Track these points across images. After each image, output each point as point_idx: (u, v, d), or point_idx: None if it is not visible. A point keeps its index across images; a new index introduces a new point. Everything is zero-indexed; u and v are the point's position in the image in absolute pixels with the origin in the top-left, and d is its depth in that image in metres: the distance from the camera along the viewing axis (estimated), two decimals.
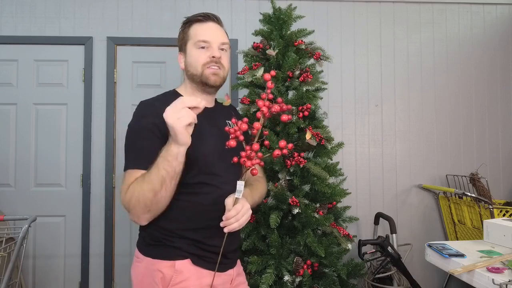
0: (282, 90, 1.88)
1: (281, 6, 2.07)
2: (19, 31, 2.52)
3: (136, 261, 1.13)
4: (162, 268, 1.06)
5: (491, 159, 2.70)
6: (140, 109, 1.14)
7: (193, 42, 1.16)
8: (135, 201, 0.99)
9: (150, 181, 0.97)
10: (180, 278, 1.06)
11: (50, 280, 2.47)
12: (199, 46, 1.15)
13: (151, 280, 1.07)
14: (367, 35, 2.69)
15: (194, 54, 1.15)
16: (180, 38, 1.21)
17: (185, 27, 1.20)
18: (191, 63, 1.16)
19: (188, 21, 1.20)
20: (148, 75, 2.56)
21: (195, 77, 1.16)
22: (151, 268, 1.08)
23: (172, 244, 1.08)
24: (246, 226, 1.75)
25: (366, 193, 2.62)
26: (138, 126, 1.09)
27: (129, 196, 1.00)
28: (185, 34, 1.19)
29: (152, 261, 1.08)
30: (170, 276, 1.06)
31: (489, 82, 2.73)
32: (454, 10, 2.74)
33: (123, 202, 1.02)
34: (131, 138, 1.09)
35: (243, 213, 1.02)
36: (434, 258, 1.53)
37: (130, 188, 1.00)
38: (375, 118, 2.66)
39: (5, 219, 1.81)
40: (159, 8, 2.59)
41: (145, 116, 1.09)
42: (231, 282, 1.19)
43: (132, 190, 1.00)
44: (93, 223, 2.49)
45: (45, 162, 2.50)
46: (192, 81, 1.18)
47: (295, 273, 1.67)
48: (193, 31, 1.17)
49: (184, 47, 1.19)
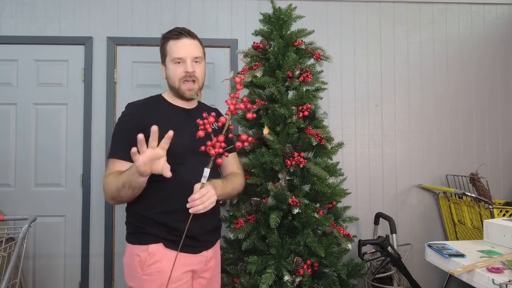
0: (282, 90, 1.88)
1: (281, 6, 2.07)
2: (19, 31, 2.52)
3: (126, 249, 1.34)
4: (139, 252, 1.27)
5: (491, 159, 2.70)
6: (126, 108, 1.38)
7: (170, 58, 1.37)
8: (106, 189, 1.25)
9: (117, 181, 1.20)
10: (153, 259, 1.26)
11: (50, 280, 2.47)
12: (175, 62, 1.36)
13: (132, 263, 1.28)
14: (367, 35, 2.69)
15: (172, 69, 1.37)
16: (161, 53, 1.43)
17: (163, 43, 1.41)
18: (170, 76, 1.39)
19: (165, 38, 1.41)
20: (148, 75, 2.56)
21: (174, 89, 1.40)
22: (132, 253, 1.29)
23: (147, 231, 1.29)
24: (246, 226, 1.75)
25: (366, 193, 2.63)
26: (120, 122, 1.34)
27: (104, 182, 1.26)
28: (163, 49, 1.40)
29: (132, 246, 1.30)
30: (145, 258, 1.26)
31: (489, 82, 2.73)
32: (454, 10, 2.74)
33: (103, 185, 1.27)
34: (115, 131, 1.35)
35: (208, 197, 1.19)
36: (434, 258, 1.53)
37: (109, 177, 1.25)
38: (375, 118, 2.66)
39: (5, 219, 1.81)
40: (159, 8, 2.59)
41: (127, 114, 1.34)
42: (206, 263, 1.37)
43: (108, 179, 1.25)
44: (93, 223, 2.49)
45: (45, 162, 2.50)
46: (172, 90, 1.41)
47: (295, 273, 1.67)
48: (169, 47, 1.38)
49: (164, 61, 1.41)
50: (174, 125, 1.26)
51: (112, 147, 1.33)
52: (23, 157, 2.49)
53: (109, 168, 1.29)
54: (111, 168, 1.28)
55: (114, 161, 1.29)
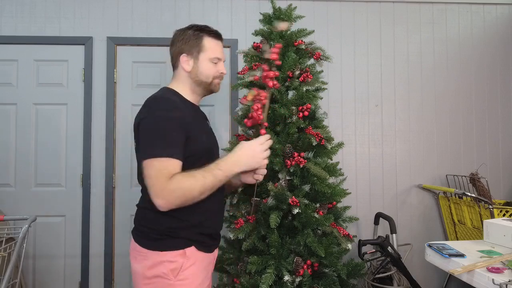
0: (282, 90, 1.88)
1: (281, 6, 2.07)
2: (19, 31, 2.52)
3: (140, 257, 1.20)
4: (172, 258, 1.17)
5: (491, 159, 2.70)
6: (166, 102, 1.21)
7: (207, 55, 1.31)
8: (181, 194, 1.11)
9: (203, 185, 1.14)
10: (189, 263, 1.20)
11: (50, 280, 2.47)
12: (213, 61, 1.32)
13: (161, 272, 1.17)
14: (367, 35, 2.69)
15: (208, 67, 1.32)
16: (191, 44, 1.31)
17: (197, 36, 1.31)
18: (202, 72, 1.31)
19: (201, 31, 1.32)
20: (148, 75, 2.56)
21: (203, 84, 1.33)
22: (160, 261, 1.17)
23: (179, 235, 1.20)
24: (246, 226, 1.75)
25: (366, 193, 2.63)
26: (169, 117, 1.16)
27: (175, 186, 1.10)
28: (198, 42, 1.31)
29: (161, 254, 1.18)
30: (181, 263, 1.18)
31: (489, 82, 2.73)
32: (454, 10, 2.74)
33: (163, 189, 1.10)
34: (161, 127, 1.15)
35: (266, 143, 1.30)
36: (434, 258, 1.53)
37: (177, 178, 1.11)
38: (375, 118, 2.66)
39: (5, 219, 1.81)
40: (159, 8, 2.59)
41: (173, 110, 1.18)
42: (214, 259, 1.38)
43: (181, 182, 1.11)
44: (93, 223, 2.49)
45: (45, 162, 2.50)
46: (197, 85, 1.33)
47: (295, 273, 1.66)
48: (208, 44, 1.31)
49: (197, 55, 1.31)
50: (201, 122, 1.31)
51: (160, 144, 1.13)
52: (23, 157, 2.49)
53: (163, 167, 1.11)
54: (170, 169, 1.11)
55: (168, 160, 1.12)
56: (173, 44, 1.35)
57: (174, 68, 1.37)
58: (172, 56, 1.36)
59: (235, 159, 1.23)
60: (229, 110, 2.60)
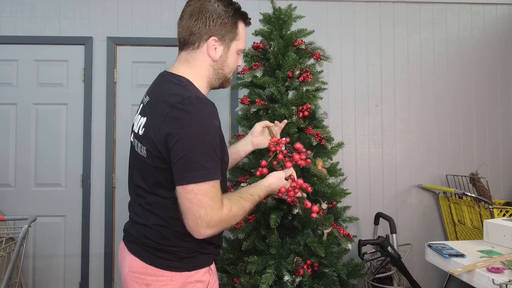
0: (282, 90, 1.88)
1: (281, 6, 2.07)
2: (19, 31, 2.52)
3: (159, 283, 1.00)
4: (201, 277, 1.03)
5: (491, 159, 2.70)
6: (208, 107, 0.95)
7: (238, 46, 1.10)
8: (230, 223, 0.99)
9: (244, 208, 1.03)
10: (214, 279, 1.08)
11: (50, 280, 2.47)
12: (239, 53, 1.13)
13: None
14: (367, 35, 2.69)
15: (234, 59, 1.11)
16: (227, 29, 1.05)
17: (234, 20, 1.07)
18: (228, 65, 1.10)
19: (237, 14, 1.08)
20: (148, 75, 2.56)
21: (223, 78, 1.11)
22: (186, 282, 1.00)
23: (206, 251, 1.05)
24: (246, 226, 1.75)
25: (366, 193, 2.62)
26: (214, 129, 0.95)
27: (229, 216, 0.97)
28: (234, 28, 1.07)
29: (188, 274, 1.01)
30: (208, 280, 1.04)
31: (489, 82, 2.73)
32: (454, 10, 2.74)
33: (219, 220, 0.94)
34: (209, 142, 0.93)
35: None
36: (434, 258, 1.53)
37: (228, 207, 0.97)
38: (375, 118, 2.66)
39: (5, 219, 1.81)
40: (159, 8, 2.59)
41: (215, 118, 0.97)
42: None
43: (233, 211, 0.98)
44: (93, 223, 2.49)
45: (45, 162, 2.50)
46: (217, 77, 1.10)
47: (295, 273, 1.66)
48: (241, 31, 1.10)
49: (229, 43, 1.07)
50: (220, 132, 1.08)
51: (212, 165, 0.93)
52: (23, 157, 2.49)
53: (216, 192, 0.94)
54: (219, 192, 0.95)
55: (218, 183, 0.95)
56: (198, 17, 1.03)
57: (189, 47, 1.05)
58: (192, 32, 1.03)
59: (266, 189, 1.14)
60: (229, 110, 2.60)
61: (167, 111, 0.93)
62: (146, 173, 1.00)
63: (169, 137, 0.92)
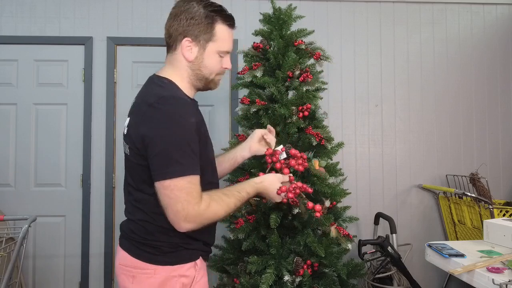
0: (282, 90, 1.88)
1: (281, 6, 2.07)
2: (19, 31, 2.52)
3: (143, 275, 1.04)
4: (185, 272, 1.05)
5: (491, 159, 2.70)
6: (183, 105, 1.00)
7: (217, 47, 1.09)
8: (211, 217, 1.01)
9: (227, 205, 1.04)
10: (201, 274, 1.10)
11: (50, 280, 2.47)
12: (221, 55, 1.11)
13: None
14: (367, 35, 2.69)
15: (214, 61, 1.10)
16: (200, 29, 1.05)
17: (210, 19, 1.06)
18: (207, 66, 1.10)
19: (215, 13, 1.08)
20: (148, 75, 2.51)
21: (203, 79, 1.12)
22: (171, 276, 1.03)
23: (191, 247, 1.08)
24: (246, 226, 1.75)
25: (366, 193, 2.63)
26: (189, 126, 0.98)
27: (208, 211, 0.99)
28: (209, 28, 1.06)
29: (172, 268, 1.04)
30: (193, 276, 1.07)
31: (489, 82, 2.73)
32: (454, 10, 2.74)
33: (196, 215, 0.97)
34: (181, 137, 0.96)
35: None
36: (434, 258, 1.53)
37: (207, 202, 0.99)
38: (375, 118, 2.66)
39: (5, 219, 1.81)
40: (159, 8, 2.59)
41: (191, 115, 1.00)
42: None
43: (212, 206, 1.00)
44: (93, 223, 2.49)
45: (45, 162, 2.50)
46: (197, 79, 1.11)
47: (295, 273, 1.66)
48: (220, 32, 1.08)
49: (204, 43, 1.07)
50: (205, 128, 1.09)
51: (187, 161, 0.96)
52: (23, 157, 2.49)
53: (193, 187, 0.96)
54: (198, 189, 0.97)
55: (195, 178, 0.97)
56: (175, 18, 1.06)
57: (170, 49, 1.10)
58: (170, 34, 1.07)
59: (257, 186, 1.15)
60: (229, 110, 2.60)
61: (144, 111, 1.00)
62: (132, 171, 1.06)
63: (146, 135, 0.97)
